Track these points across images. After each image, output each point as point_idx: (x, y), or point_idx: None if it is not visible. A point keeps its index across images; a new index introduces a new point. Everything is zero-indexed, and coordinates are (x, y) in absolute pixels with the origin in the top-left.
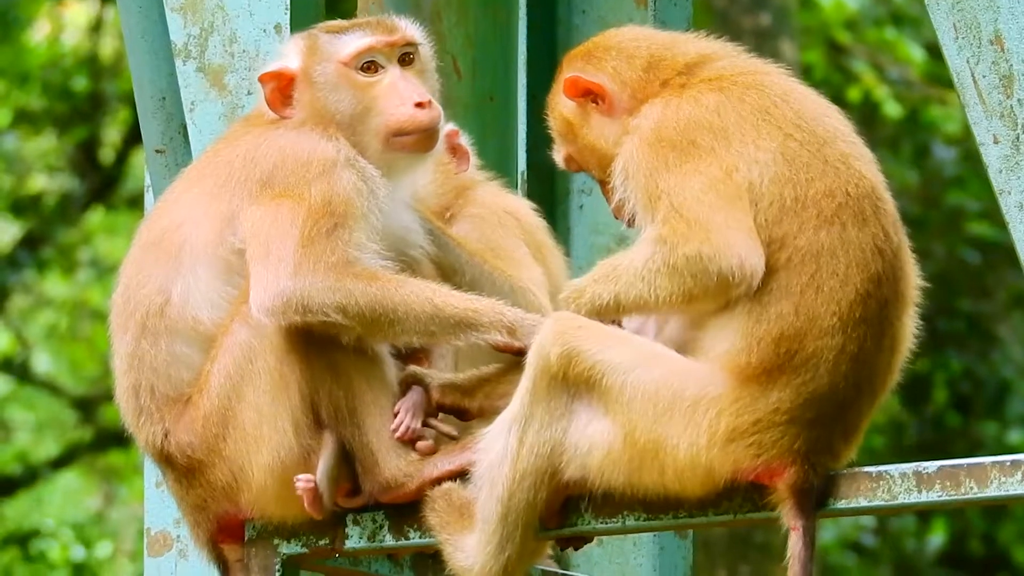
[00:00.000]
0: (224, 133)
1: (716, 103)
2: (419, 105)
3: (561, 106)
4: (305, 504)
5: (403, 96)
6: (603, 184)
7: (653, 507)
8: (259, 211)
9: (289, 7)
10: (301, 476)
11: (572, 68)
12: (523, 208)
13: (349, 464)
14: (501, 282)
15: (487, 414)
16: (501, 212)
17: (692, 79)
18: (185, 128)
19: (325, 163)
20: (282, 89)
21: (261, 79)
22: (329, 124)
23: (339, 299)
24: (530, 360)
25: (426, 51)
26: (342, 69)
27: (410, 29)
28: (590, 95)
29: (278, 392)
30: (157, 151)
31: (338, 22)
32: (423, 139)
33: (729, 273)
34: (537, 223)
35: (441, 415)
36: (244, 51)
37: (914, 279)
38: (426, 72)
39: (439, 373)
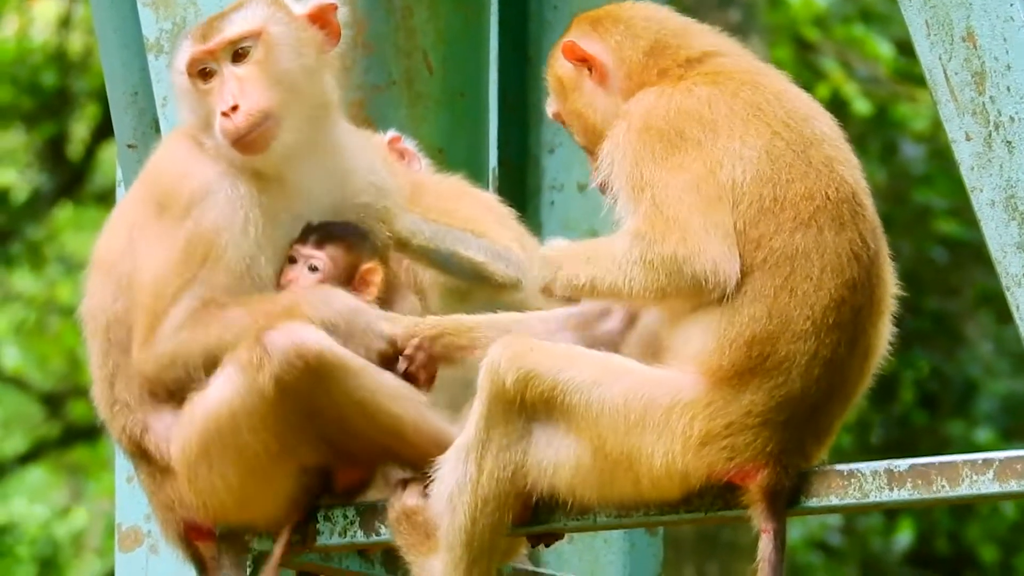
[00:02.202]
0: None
1: (708, 95)
2: (224, 114)
3: (557, 65)
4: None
5: (221, 101)
6: (587, 151)
7: (624, 505)
8: (142, 242)
9: None
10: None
11: (577, 31)
12: (487, 195)
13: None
14: (462, 235)
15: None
16: (462, 192)
17: (690, 72)
18: (157, 123)
19: (192, 194)
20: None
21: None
22: (193, 129)
23: (181, 359)
24: (482, 384)
25: (281, 29)
26: (183, 79)
27: (234, 26)
28: (586, 63)
29: (263, 453)
30: (129, 146)
31: (194, 25)
32: (240, 145)
33: (702, 277)
34: (502, 209)
35: None
36: None
37: (891, 287)
38: (273, 57)
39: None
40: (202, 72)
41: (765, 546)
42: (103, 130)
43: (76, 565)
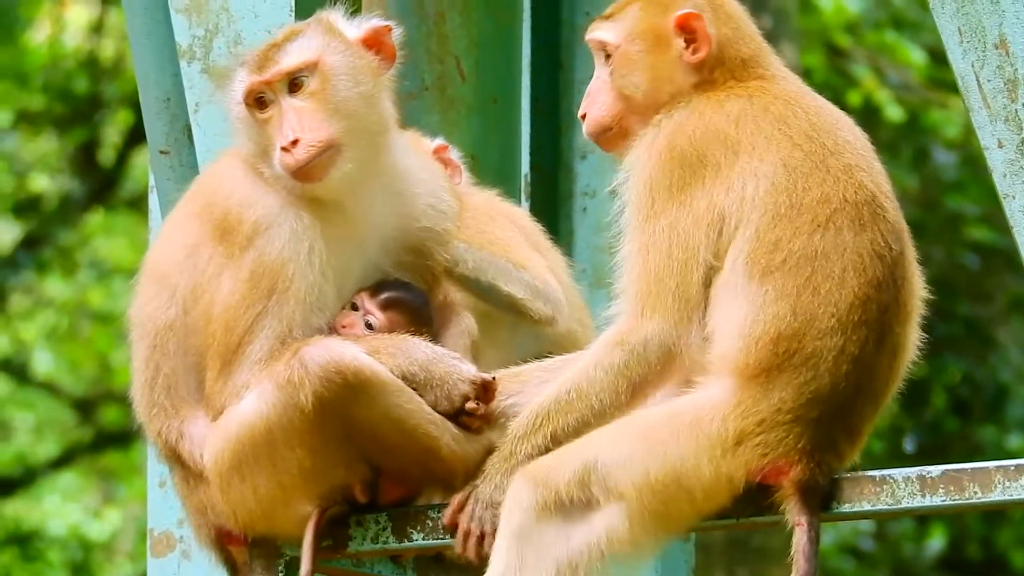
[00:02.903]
0: (219, 155)
1: (739, 112)
2: (284, 149)
3: (659, 19)
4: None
5: (280, 135)
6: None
7: (687, 528)
8: (206, 266)
9: (294, 9)
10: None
11: (698, 7)
12: (517, 211)
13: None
14: (505, 266)
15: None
16: (494, 212)
17: (734, 83)
18: (190, 129)
19: (256, 224)
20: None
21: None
22: (251, 157)
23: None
24: (510, 517)
25: (337, 58)
26: (240, 109)
27: (292, 56)
28: (693, 40)
29: (297, 468)
30: (161, 152)
31: (246, 51)
32: (300, 176)
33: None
34: (532, 226)
35: None
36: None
37: (918, 290)
38: (330, 87)
39: None
40: (258, 101)
41: (799, 539)
42: (134, 136)
43: (107, 570)
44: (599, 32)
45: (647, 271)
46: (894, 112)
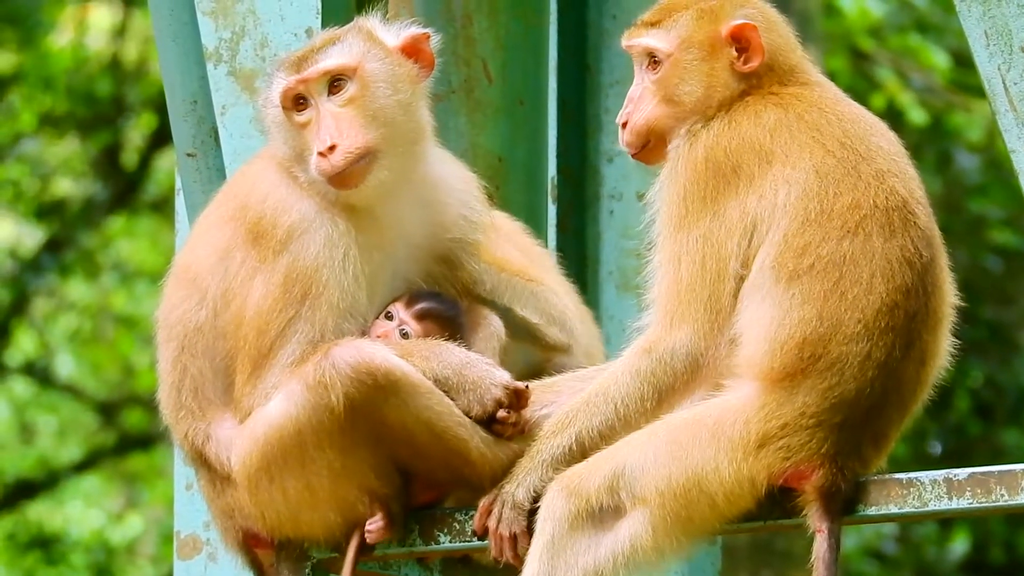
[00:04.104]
0: (251, 158)
1: (774, 122)
2: (321, 154)
3: (713, 28)
4: None
5: (317, 140)
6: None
7: (709, 532)
8: (238, 270)
9: (320, 11)
10: None
11: (750, 17)
12: (527, 239)
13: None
14: (522, 287)
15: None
16: (510, 233)
17: (777, 89)
18: (216, 132)
19: (290, 228)
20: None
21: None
22: (287, 161)
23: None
24: (543, 528)
25: (376, 65)
26: (277, 112)
27: (331, 58)
28: (745, 50)
29: (326, 470)
30: (188, 155)
31: (285, 55)
32: (335, 182)
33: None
34: (540, 250)
35: None
36: (275, 55)
37: (949, 297)
38: (368, 93)
39: None
40: (295, 103)
41: (820, 546)
42: (158, 139)
43: (130, 573)
44: (647, 39)
45: (678, 281)
46: (917, 115)
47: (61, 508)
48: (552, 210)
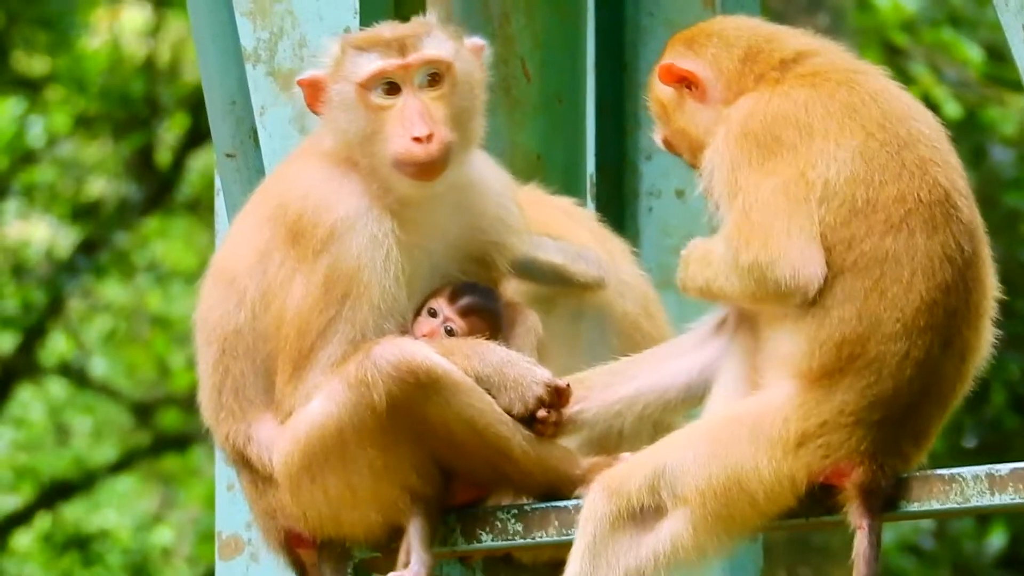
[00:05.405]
0: (289, 155)
1: (806, 99)
2: (417, 139)
3: (658, 89)
4: None
5: (406, 126)
6: (695, 167)
7: (752, 531)
8: (278, 270)
9: (358, 10)
10: None
11: (671, 53)
12: (561, 199)
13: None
14: (539, 239)
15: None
16: (536, 200)
17: (787, 74)
18: (255, 132)
19: (333, 227)
20: (318, 95)
21: (299, 84)
22: (346, 144)
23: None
24: (584, 528)
25: (465, 66)
26: (360, 91)
27: (432, 48)
28: (684, 82)
29: (367, 469)
30: (227, 155)
31: (364, 35)
32: (421, 171)
33: (783, 281)
34: (580, 210)
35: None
36: (314, 55)
37: (991, 290)
38: (457, 92)
39: None
40: (384, 87)
41: (860, 542)
42: (192, 139)
43: (166, 573)
44: (655, 138)
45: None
46: (952, 109)
47: (97, 509)
48: (591, 208)
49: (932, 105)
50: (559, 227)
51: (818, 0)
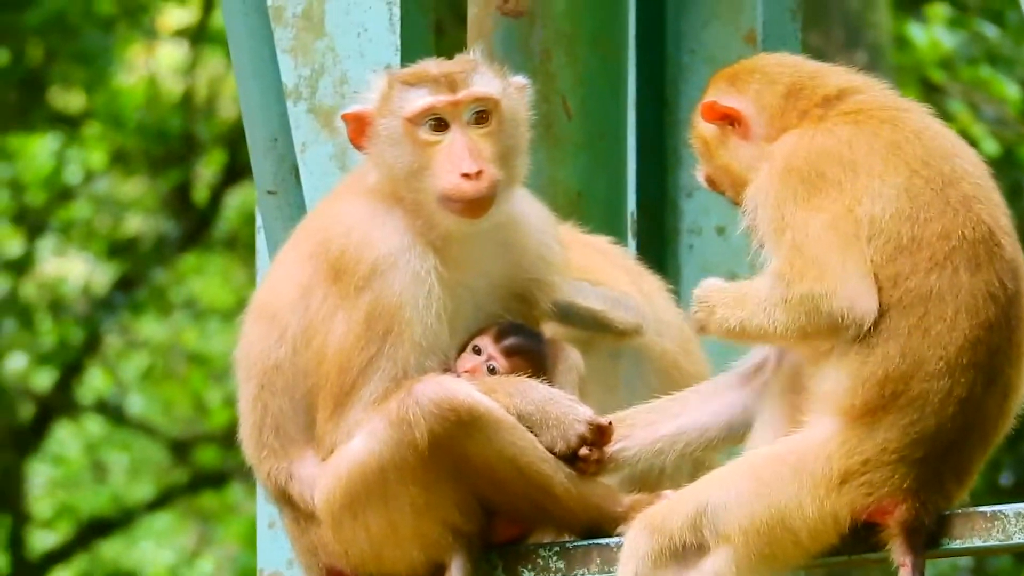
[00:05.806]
0: (332, 191)
1: (849, 136)
2: (466, 175)
3: (701, 127)
4: None
5: (454, 162)
6: (738, 204)
7: (794, 569)
8: (320, 307)
9: (399, 48)
10: None
11: (714, 90)
12: (598, 239)
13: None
14: (579, 284)
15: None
16: (573, 240)
17: (830, 111)
18: (296, 169)
19: (375, 264)
20: (363, 129)
21: (343, 118)
22: (391, 179)
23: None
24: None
25: (511, 104)
26: (408, 126)
27: (481, 85)
28: (727, 119)
29: (409, 506)
30: (269, 192)
31: (412, 71)
32: (468, 208)
33: (839, 315)
34: (617, 250)
35: None
36: (355, 92)
37: None
38: (504, 130)
39: None
40: (431, 123)
41: None
42: (228, 175)
43: None
44: (698, 177)
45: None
46: (989, 146)
47: (135, 546)
48: (632, 245)
49: (970, 142)
50: (597, 270)
51: (856, 37)
